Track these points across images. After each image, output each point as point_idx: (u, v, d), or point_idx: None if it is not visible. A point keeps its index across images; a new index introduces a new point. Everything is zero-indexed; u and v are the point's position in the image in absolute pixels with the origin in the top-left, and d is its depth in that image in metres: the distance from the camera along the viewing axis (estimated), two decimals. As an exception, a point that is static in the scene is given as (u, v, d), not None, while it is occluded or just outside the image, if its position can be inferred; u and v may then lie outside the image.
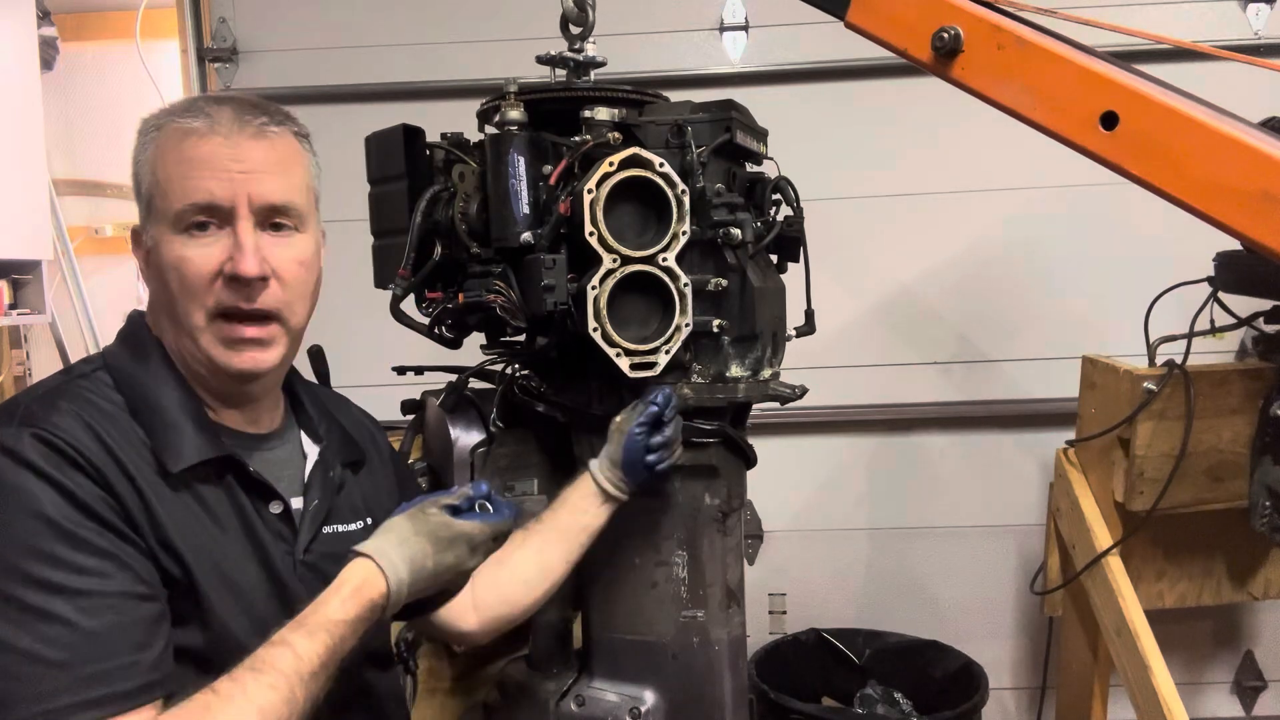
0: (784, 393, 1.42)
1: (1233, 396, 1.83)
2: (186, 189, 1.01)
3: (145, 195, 1.05)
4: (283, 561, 1.08)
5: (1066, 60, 1.16)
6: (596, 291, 1.25)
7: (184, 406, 1.05)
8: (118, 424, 1.00)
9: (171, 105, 1.07)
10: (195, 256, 1.01)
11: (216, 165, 1.01)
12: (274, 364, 1.07)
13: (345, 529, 1.17)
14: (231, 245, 1.01)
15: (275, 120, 1.06)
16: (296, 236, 1.07)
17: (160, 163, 1.03)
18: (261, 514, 1.08)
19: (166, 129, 1.03)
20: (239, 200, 1.01)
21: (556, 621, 1.51)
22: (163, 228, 1.02)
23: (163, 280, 1.03)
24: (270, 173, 1.04)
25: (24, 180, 2.54)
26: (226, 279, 1.01)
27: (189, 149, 1.01)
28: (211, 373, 1.06)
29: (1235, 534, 2.00)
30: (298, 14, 2.51)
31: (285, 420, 1.18)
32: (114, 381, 1.04)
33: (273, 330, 1.06)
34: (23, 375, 3.15)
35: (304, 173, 1.09)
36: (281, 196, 1.04)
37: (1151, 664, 1.72)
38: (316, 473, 1.16)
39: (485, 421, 1.45)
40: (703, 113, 1.37)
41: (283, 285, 1.05)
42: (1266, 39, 2.36)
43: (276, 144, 1.05)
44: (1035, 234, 2.43)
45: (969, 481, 2.50)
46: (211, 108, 1.03)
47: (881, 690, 2.27)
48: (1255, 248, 1.09)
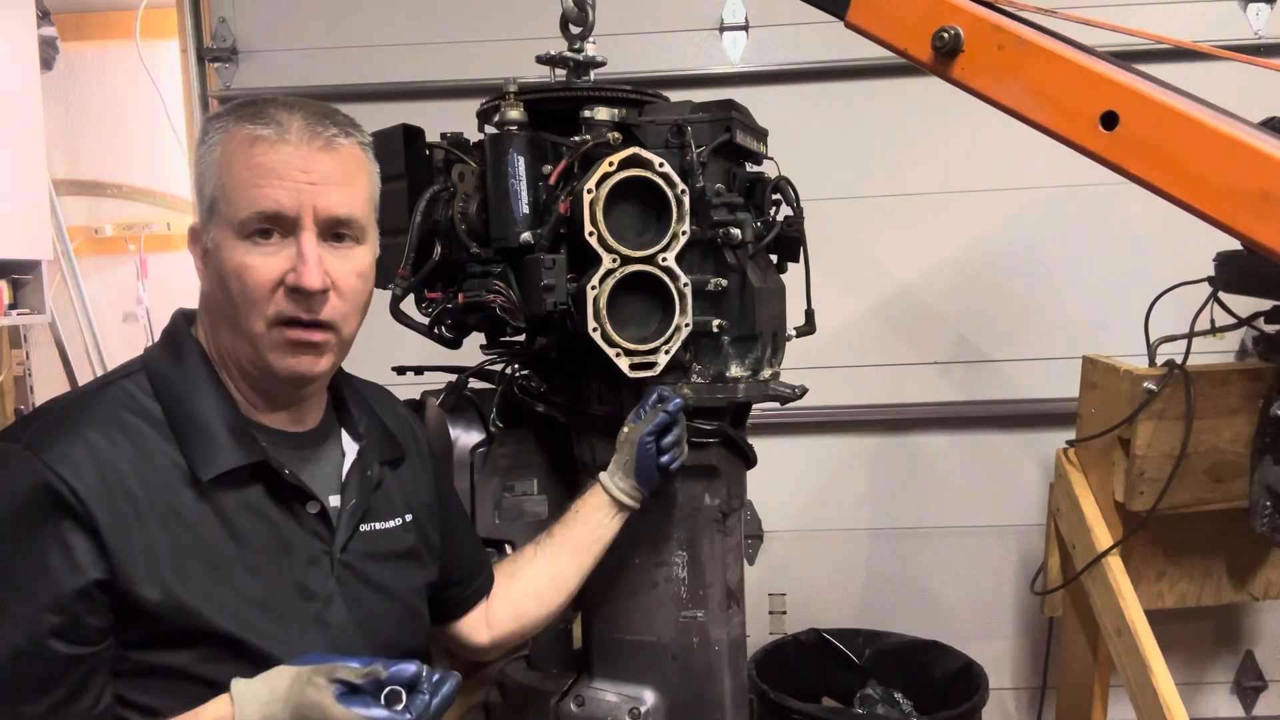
0: (784, 393, 1.42)
1: (1233, 396, 1.83)
2: (254, 196, 1.01)
3: (208, 197, 1.05)
4: (320, 561, 1.09)
5: (1066, 60, 1.16)
6: (596, 291, 1.25)
7: (219, 412, 1.05)
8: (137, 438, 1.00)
9: (239, 106, 1.06)
10: (258, 265, 1.01)
11: (284, 175, 1.01)
12: (325, 370, 1.09)
13: (383, 526, 1.17)
14: (294, 256, 1.02)
15: (344, 132, 1.07)
16: (357, 249, 1.08)
17: (227, 166, 1.03)
18: (298, 515, 1.08)
19: (235, 133, 1.03)
20: (304, 211, 1.02)
21: (556, 621, 1.51)
22: (225, 232, 1.03)
23: (222, 284, 1.04)
24: (337, 185, 1.04)
25: (24, 180, 2.54)
26: (288, 289, 1.02)
27: (258, 156, 1.01)
28: (263, 375, 1.07)
29: (1235, 534, 2.00)
30: (298, 14, 2.51)
31: (327, 418, 1.19)
32: (151, 385, 1.05)
33: (328, 338, 1.06)
34: (23, 375, 3.15)
35: (368, 184, 1.10)
36: (346, 210, 1.05)
37: (1151, 664, 1.72)
38: (354, 471, 1.16)
39: (485, 421, 1.45)
40: (703, 113, 1.37)
41: (341, 296, 1.06)
42: (1266, 39, 2.36)
43: (344, 156, 1.06)
44: (1035, 234, 2.43)
45: (969, 481, 2.50)
46: (282, 115, 1.03)
47: (881, 690, 2.27)
48: (1255, 248, 1.09)
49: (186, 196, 2.92)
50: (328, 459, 1.16)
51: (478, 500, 1.43)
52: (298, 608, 1.05)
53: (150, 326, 3.23)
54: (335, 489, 1.14)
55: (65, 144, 3.21)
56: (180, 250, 3.23)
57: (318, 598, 1.07)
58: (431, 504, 1.28)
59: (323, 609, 1.07)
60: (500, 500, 1.45)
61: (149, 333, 3.22)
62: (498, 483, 1.45)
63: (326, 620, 1.07)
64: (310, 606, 1.06)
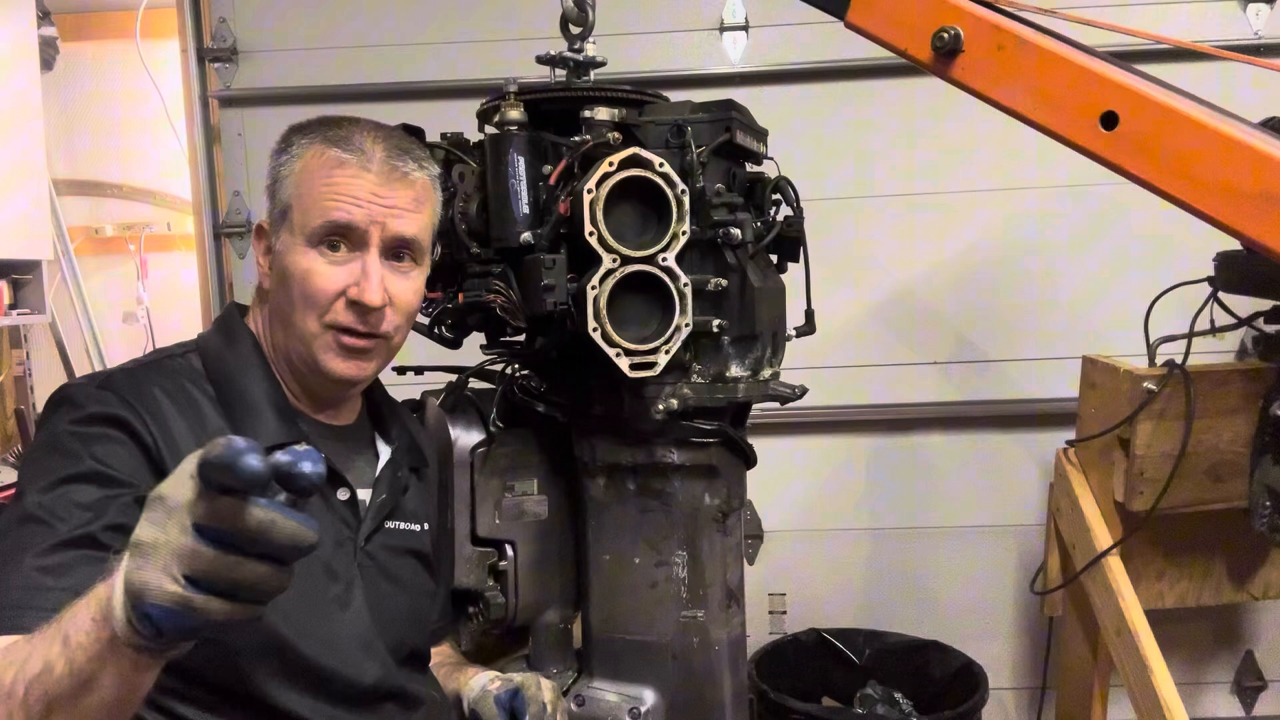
0: (784, 393, 1.42)
1: (1233, 396, 1.83)
2: (328, 209, 1.09)
3: (282, 202, 1.12)
4: (344, 546, 1.14)
5: (1066, 60, 1.16)
6: (596, 291, 1.25)
7: (267, 394, 1.13)
8: (194, 404, 1.08)
9: (324, 125, 1.13)
10: (323, 272, 1.09)
11: (362, 196, 1.09)
12: (371, 375, 1.17)
13: (407, 527, 1.24)
14: (358, 271, 1.10)
15: (420, 166, 1.15)
16: (415, 270, 1.16)
17: (307, 180, 1.10)
18: (328, 499, 1.14)
19: (320, 152, 1.11)
20: (373, 230, 1.10)
21: (556, 621, 1.51)
22: (296, 237, 1.10)
23: (285, 284, 1.11)
24: (407, 211, 1.12)
25: (24, 180, 2.54)
26: (349, 302, 1.10)
27: (340, 178, 1.09)
28: (312, 373, 1.14)
29: (1235, 534, 2.00)
30: (298, 14, 2.51)
31: (361, 420, 1.26)
32: (203, 364, 1.13)
33: (378, 346, 1.14)
34: (23, 375, 3.15)
35: (432, 212, 1.19)
36: (411, 232, 1.13)
37: (1151, 664, 1.72)
38: (387, 470, 1.23)
39: (485, 421, 1.45)
40: (703, 113, 1.37)
41: (396, 311, 1.13)
42: (1266, 39, 2.36)
43: (417, 186, 1.14)
44: (1035, 234, 2.43)
45: (969, 481, 2.50)
46: (368, 143, 1.11)
47: (881, 690, 2.27)
48: (1255, 248, 1.09)
49: (186, 196, 2.92)
50: (361, 455, 1.23)
51: (478, 500, 1.43)
52: (321, 585, 1.10)
53: (150, 326, 3.23)
54: (365, 483, 1.20)
55: (65, 144, 3.21)
56: (180, 250, 3.26)
57: (340, 580, 1.12)
58: (437, 526, 1.35)
59: (344, 592, 1.12)
60: (500, 500, 1.45)
61: (149, 333, 3.22)
62: (498, 483, 1.45)
63: (346, 602, 1.12)
64: (333, 587, 1.11)
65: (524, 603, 1.46)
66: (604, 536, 1.44)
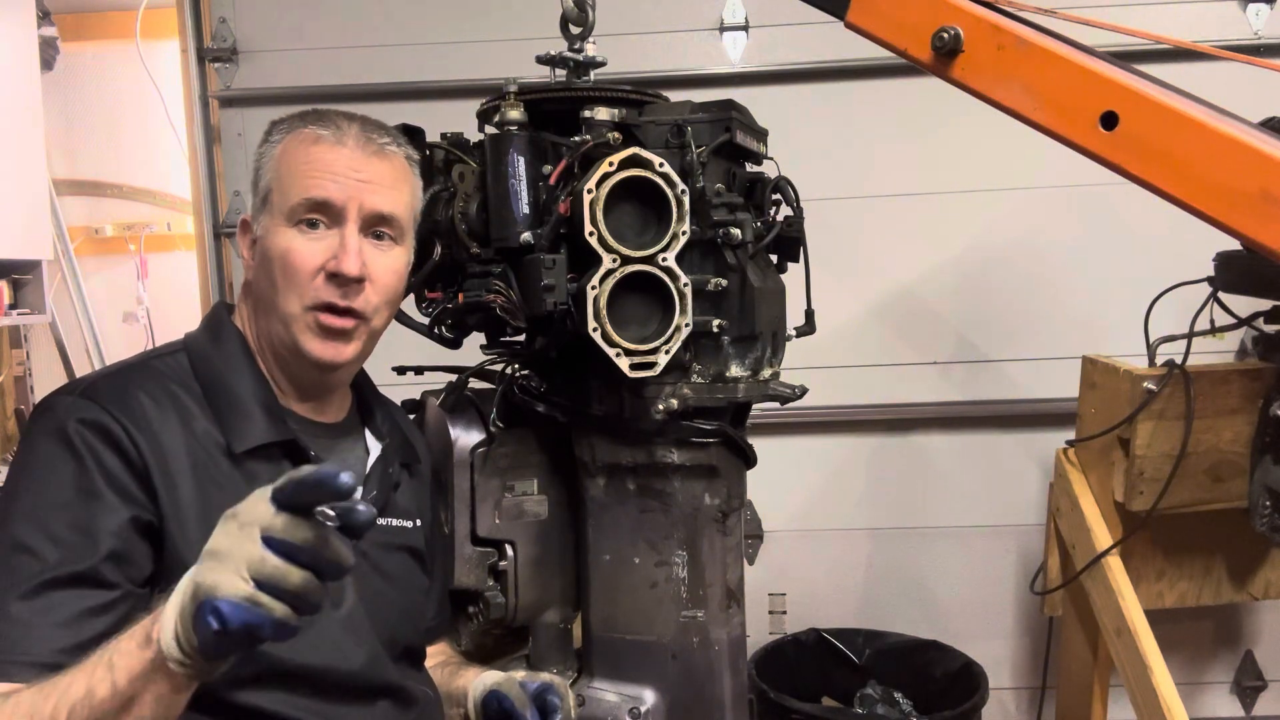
0: (784, 393, 1.41)
1: (1233, 396, 1.83)
2: (307, 186, 1.09)
3: (263, 189, 1.13)
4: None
5: (1066, 60, 1.16)
6: (596, 291, 1.25)
7: (255, 392, 1.12)
8: (181, 406, 1.07)
9: (304, 112, 1.16)
10: (302, 249, 1.09)
11: (338, 171, 1.10)
12: (351, 358, 1.15)
13: (400, 523, 1.24)
14: (337, 245, 1.10)
15: (395, 143, 1.16)
16: (395, 248, 1.16)
17: (285, 160, 1.12)
18: None
19: (298, 132, 1.13)
20: (351, 205, 1.10)
21: (556, 621, 1.51)
22: (276, 219, 1.11)
23: (266, 267, 1.11)
24: (384, 186, 1.13)
25: (24, 180, 2.54)
26: (328, 275, 1.09)
27: (316, 153, 1.10)
28: (294, 357, 1.13)
29: (1235, 534, 2.00)
30: (298, 14, 2.51)
31: (350, 415, 1.25)
32: (191, 363, 1.13)
33: (358, 328, 1.13)
34: (23, 375, 3.15)
35: (410, 192, 1.19)
36: (389, 208, 1.13)
37: (1151, 664, 1.72)
38: (378, 467, 1.23)
39: (485, 421, 1.45)
40: (703, 113, 1.37)
41: (375, 289, 1.13)
42: (1266, 39, 2.36)
43: (393, 162, 1.15)
44: (1035, 234, 2.43)
45: (969, 481, 2.50)
46: (343, 121, 1.13)
47: (881, 690, 2.27)
48: (1255, 248, 1.09)
49: (186, 196, 2.92)
50: (350, 451, 1.22)
51: (478, 500, 1.43)
52: None
53: (150, 326, 3.23)
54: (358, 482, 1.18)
55: (65, 144, 3.21)
56: (180, 250, 3.26)
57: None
58: (430, 523, 1.34)
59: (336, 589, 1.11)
60: (500, 500, 1.45)
61: (149, 333, 3.22)
62: (498, 483, 1.45)
63: (339, 599, 1.11)
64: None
65: (524, 603, 1.46)
66: (604, 536, 1.44)
